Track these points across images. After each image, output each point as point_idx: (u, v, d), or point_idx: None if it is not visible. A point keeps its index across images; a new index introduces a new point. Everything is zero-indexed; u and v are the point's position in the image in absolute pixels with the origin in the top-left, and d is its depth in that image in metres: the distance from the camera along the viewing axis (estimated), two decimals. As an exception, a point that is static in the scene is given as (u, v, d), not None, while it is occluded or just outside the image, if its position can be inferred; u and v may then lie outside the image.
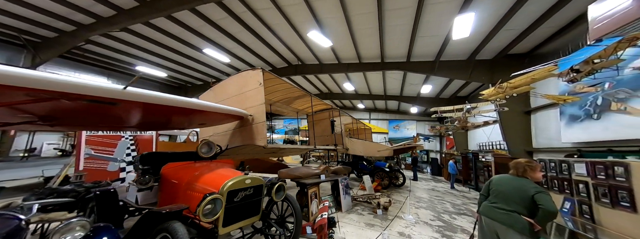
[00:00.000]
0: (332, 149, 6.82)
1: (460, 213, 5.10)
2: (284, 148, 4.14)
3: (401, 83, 11.89)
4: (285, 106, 6.09)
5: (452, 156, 11.84)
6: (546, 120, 6.09)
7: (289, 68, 11.41)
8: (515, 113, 6.97)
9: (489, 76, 7.54)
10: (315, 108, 6.88)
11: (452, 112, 7.11)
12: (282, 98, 5.41)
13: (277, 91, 4.74)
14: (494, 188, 2.18)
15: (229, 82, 3.63)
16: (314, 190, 3.69)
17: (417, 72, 8.98)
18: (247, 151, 3.81)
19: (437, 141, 17.91)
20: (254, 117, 3.21)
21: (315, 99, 5.69)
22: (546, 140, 6.04)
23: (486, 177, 8.45)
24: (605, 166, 2.32)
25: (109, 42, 8.73)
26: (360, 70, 10.02)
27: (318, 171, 4.13)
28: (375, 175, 7.71)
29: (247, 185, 2.06)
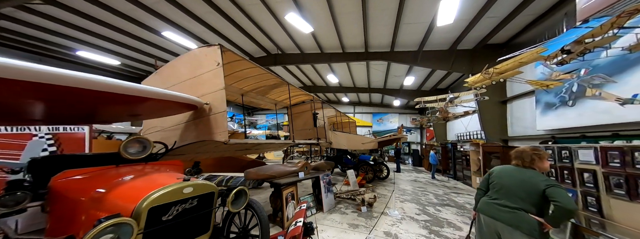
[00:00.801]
0: (314, 143, 6.36)
1: (444, 204, 5.03)
2: (259, 144, 3.54)
3: (385, 75, 11.72)
4: (260, 97, 5.39)
5: (432, 147, 12.18)
6: (521, 109, 6.25)
7: (268, 58, 10.53)
8: (492, 103, 7.12)
9: (469, 66, 7.57)
10: (295, 99, 6.29)
11: (435, 102, 7.04)
12: (255, 88, 4.71)
13: (248, 77, 4.04)
14: (495, 181, 1.87)
15: (179, 63, 2.87)
16: (291, 191, 3.20)
17: (401, 62, 8.78)
18: (208, 149, 3.14)
19: (418, 133, 18.50)
20: (211, 106, 2.54)
21: (294, 89, 5.09)
22: (521, 128, 6.22)
23: (464, 166, 8.74)
24: (621, 152, 1.98)
25: (36, 20, 7.03)
26: (344, 60, 9.55)
27: (296, 168, 3.62)
28: (360, 169, 7.47)
29: (186, 195, 1.46)
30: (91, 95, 1.50)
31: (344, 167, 8.27)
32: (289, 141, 4.18)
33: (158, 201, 1.31)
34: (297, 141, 5.04)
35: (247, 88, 4.59)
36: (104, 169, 1.68)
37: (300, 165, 3.69)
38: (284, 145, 4.91)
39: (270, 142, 3.44)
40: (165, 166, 2.08)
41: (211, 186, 1.64)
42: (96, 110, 2.11)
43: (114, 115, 2.41)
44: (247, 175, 3.07)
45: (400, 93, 14.06)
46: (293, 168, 3.58)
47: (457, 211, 4.47)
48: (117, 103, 1.93)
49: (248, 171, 3.11)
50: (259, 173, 3.09)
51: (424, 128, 17.91)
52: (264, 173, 3.10)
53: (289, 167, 3.60)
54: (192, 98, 2.37)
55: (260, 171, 3.12)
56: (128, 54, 9.64)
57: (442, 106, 7.09)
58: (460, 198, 5.86)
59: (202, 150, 3.18)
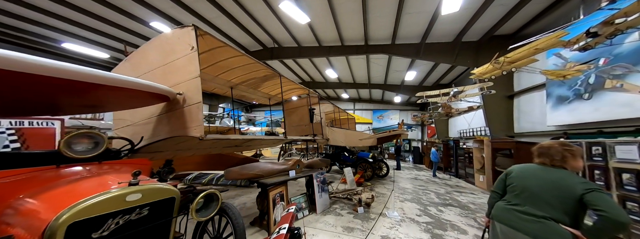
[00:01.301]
0: (310, 140, 6.06)
1: (446, 204, 4.75)
2: (245, 140, 3.24)
3: (385, 69, 11.33)
4: (252, 90, 5.06)
5: (433, 144, 11.87)
6: (530, 104, 5.91)
7: (264, 52, 10.14)
8: (498, 98, 6.77)
9: (474, 59, 7.18)
10: (289, 93, 5.96)
11: (437, 97, 6.70)
12: (245, 80, 4.38)
13: (235, 68, 3.71)
14: (515, 183, 1.56)
15: (150, 48, 2.54)
16: (280, 191, 2.91)
17: (403, 56, 8.38)
18: (189, 145, 2.83)
19: (418, 130, 18.18)
20: (185, 97, 2.23)
21: (288, 82, 4.75)
22: (529, 124, 5.89)
23: (467, 164, 8.45)
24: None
25: (18, 9, 6.65)
26: (343, 53, 9.16)
27: (285, 166, 3.32)
28: (358, 166, 7.18)
29: (131, 203, 1.16)
30: (36, 81, 1.21)
31: (342, 165, 8.00)
32: (280, 137, 3.89)
33: (85, 214, 1.01)
34: (291, 137, 4.75)
35: (236, 81, 4.26)
36: (37, 170, 1.37)
37: (291, 163, 3.39)
38: (275, 141, 4.61)
39: (256, 138, 3.14)
40: (126, 166, 1.77)
41: (168, 191, 1.33)
42: (45, 99, 1.80)
43: (67, 106, 2.09)
44: (228, 174, 2.76)
45: (401, 89, 13.68)
46: (282, 167, 3.28)
47: (461, 212, 4.19)
48: (67, 91, 1.62)
49: (229, 170, 2.80)
50: (242, 172, 2.78)
51: (425, 125, 17.59)
52: (249, 172, 2.80)
53: (278, 165, 3.29)
54: (160, 87, 2.04)
55: (245, 170, 2.81)
56: (117, 46, 9.27)
57: (445, 101, 6.75)
58: (463, 197, 5.58)
59: (184, 146, 2.88)
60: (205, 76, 3.69)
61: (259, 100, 5.87)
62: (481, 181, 7.16)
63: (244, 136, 2.84)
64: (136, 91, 1.86)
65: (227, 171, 2.77)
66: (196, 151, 3.44)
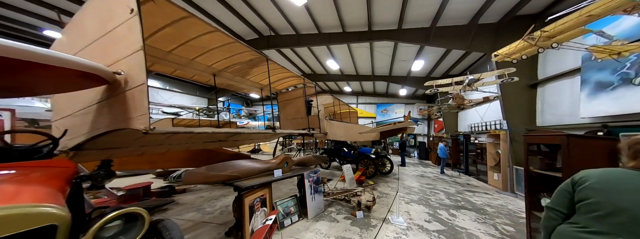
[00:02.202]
0: (306, 134, 5.53)
1: (459, 207, 4.20)
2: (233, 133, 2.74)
3: (391, 59, 10.53)
4: (239, 79, 4.52)
5: (441, 139, 11.18)
6: (557, 93, 5.15)
7: (260, 41, 9.50)
8: (518, 87, 6.01)
9: (492, 44, 6.36)
10: (283, 83, 5.39)
11: (449, 86, 5.99)
12: (229, 65, 3.82)
13: (214, 49, 3.14)
14: (597, 198, 0.98)
15: (84, 15, 2.01)
16: (261, 195, 2.42)
17: (410, 42, 7.60)
18: (145, 141, 2.31)
19: (425, 124, 17.40)
20: (126, 77, 1.70)
21: (279, 68, 4.19)
22: (555, 116, 5.16)
23: (479, 160, 7.81)
24: None
25: (-7, -5, 6.21)
26: (344, 41, 8.43)
27: (269, 165, 2.81)
28: (360, 163, 6.66)
29: None
30: None
31: (342, 161, 7.50)
32: (268, 131, 3.37)
33: None
34: (282, 131, 4.22)
35: (218, 66, 3.71)
36: None
37: (277, 161, 2.88)
38: (266, 135, 4.09)
39: (235, 132, 2.62)
40: (33, 171, 1.27)
41: (40, 216, 0.83)
42: None
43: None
44: (188, 178, 2.23)
45: (407, 81, 12.85)
46: (265, 165, 2.77)
47: (477, 217, 3.64)
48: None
49: (191, 172, 2.28)
50: (210, 174, 2.27)
51: (432, 119, 16.79)
52: (218, 173, 2.29)
53: (260, 164, 2.78)
54: (88, 64, 1.50)
55: (213, 171, 2.30)
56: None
57: (457, 91, 6.04)
58: (477, 198, 5.01)
59: (142, 142, 2.38)
60: (179, 59, 3.16)
61: (249, 90, 5.33)
62: (495, 179, 6.54)
63: (218, 129, 2.30)
64: (57, 69, 1.34)
65: (187, 174, 2.26)
66: (168, 147, 2.96)
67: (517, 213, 4.04)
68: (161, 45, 2.76)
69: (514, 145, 5.92)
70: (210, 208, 3.51)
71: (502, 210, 4.20)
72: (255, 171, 2.58)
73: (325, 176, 6.51)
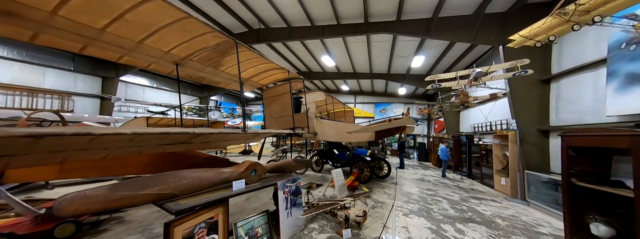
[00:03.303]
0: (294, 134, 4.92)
1: (466, 220, 3.60)
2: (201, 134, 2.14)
3: (389, 55, 9.95)
4: (211, 70, 3.90)
5: (442, 140, 10.59)
6: (576, 88, 4.56)
7: (250, 34, 8.89)
8: (529, 82, 5.43)
9: (499, 35, 5.78)
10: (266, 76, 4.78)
11: (453, 81, 5.39)
12: (193, 52, 3.18)
13: (163, 28, 2.51)
14: None
15: None
16: (209, 218, 1.77)
17: (410, 35, 7.02)
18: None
19: (425, 124, 16.83)
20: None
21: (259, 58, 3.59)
22: (573, 114, 4.57)
23: (484, 163, 7.22)
24: None
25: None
26: (339, 34, 7.84)
27: (226, 174, 2.17)
28: (354, 166, 6.05)
29: None
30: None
31: (335, 163, 6.89)
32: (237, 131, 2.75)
33: None
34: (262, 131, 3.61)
35: (179, 53, 3.08)
36: None
37: (239, 169, 2.26)
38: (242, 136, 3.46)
39: (185, 132, 2.01)
40: None
41: None
42: None
43: None
44: (65, 205, 1.32)
45: (406, 79, 12.28)
46: (221, 176, 2.14)
47: (489, 233, 3.04)
48: None
49: (74, 195, 1.40)
50: (115, 195, 1.46)
51: (432, 120, 16.22)
52: (135, 193, 1.53)
53: (213, 173, 2.15)
54: None
55: (127, 190, 1.53)
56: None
57: (462, 87, 5.45)
58: (485, 207, 4.41)
59: (46, 147, 1.76)
60: (119, 41, 2.53)
61: (227, 84, 4.72)
62: (503, 184, 5.95)
63: (168, 129, 1.67)
64: None
65: (68, 199, 1.35)
66: (103, 152, 2.33)
67: (533, 227, 3.45)
68: (85, 19, 2.15)
69: (525, 147, 5.33)
70: (160, 228, 2.86)
71: (516, 223, 3.60)
72: (203, 184, 1.96)
73: (315, 181, 5.89)
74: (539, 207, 4.57)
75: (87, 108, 9.53)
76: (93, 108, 9.74)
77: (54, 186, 4.28)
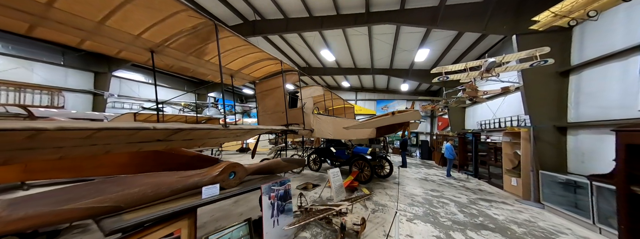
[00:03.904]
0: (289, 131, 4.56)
1: (477, 225, 3.23)
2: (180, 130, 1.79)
3: (391, 49, 9.47)
4: (195, 60, 3.51)
5: (447, 137, 10.16)
6: (601, 80, 4.11)
7: (245, 27, 8.47)
8: (545, 75, 4.97)
9: (513, 24, 5.30)
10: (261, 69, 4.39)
11: (462, 73, 4.95)
12: (169, 36, 2.77)
13: (126, 3, 2.12)
14: None
15: None
16: (168, 234, 1.41)
17: (414, 24, 6.54)
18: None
19: (428, 122, 16.37)
20: None
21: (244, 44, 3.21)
22: (597, 109, 4.12)
23: (492, 162, 6.81)
24: None
25: None
26: (339, 25, 7.38)
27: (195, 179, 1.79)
28: (354, 165, 5.69)
29: None
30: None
31: (334, 162, 6.53)
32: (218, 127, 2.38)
33: None
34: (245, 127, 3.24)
35: (152, 37, 2.70)
36: None
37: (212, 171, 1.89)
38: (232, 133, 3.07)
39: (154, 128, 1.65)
40: None
41: None
42: None
43: None
44: None
45: (409, 75, 11.79)
46: (186, 181, 1.77)
47: (506, 243, 2.67)
48: None
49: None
50: (13, 216, 1.09)
51: (435, 117, 15.76)
52: (56, 209, 1.14)
53: (177, 178, 1.77)
54: None
55: (46, 204, 1.18)
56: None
57: (471, 80, 5.01)
58: (496, 211, 4.03)
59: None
60: (74, 21, 2.15)
61: (215, 76, 4.34)
62: (514, 185, 5.55)
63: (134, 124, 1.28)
64: None
65: None
66: (56, 151, 1.98)
67: (553, 234, 3.07)
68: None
69: (539, 145, 4.91)
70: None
71: (534, 230, 3.22)
72: (162, 192, 1.58)
73: (312, 180, 5.51)
74: (555, 210, 4.18)
75: (80, 104, 9.25)
76: (86, 104, 9.47)
77: (30, 187, 3.98)
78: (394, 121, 3.47)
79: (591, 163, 4.21)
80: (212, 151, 9.02)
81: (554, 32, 4.91)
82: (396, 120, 3.39)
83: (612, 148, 3.80)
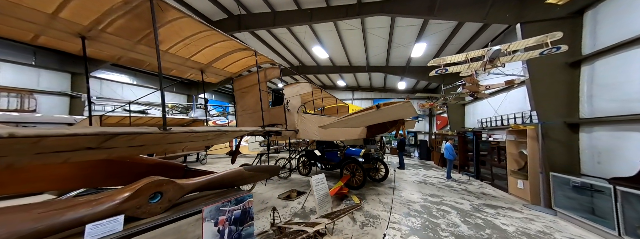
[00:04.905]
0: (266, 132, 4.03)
1: (486, 241, 2.71)
2: (114, 135, 1.28)
3: (387, 44, 9.00)
4: (146, 49, 2.97)
5: (446, 137, 9.70)
6: (619, 70, 3.64)
7: (229, 22, 7.95)
8: (553, 66, 4.52)
9: (517, 12, 4.85)
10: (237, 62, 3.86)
11: (464, 64, 4.46)
12: (101, 15, 2.22)
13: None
14: None
15: None
16: None
17: (410, 15, 6.07)
18: None
19: (426, 121, 15.93)
20: None
21: (206, 29, 2.70)
22: (616, 102, 3.66)
23: (494, 163, 6.34)
24: None
25: None
26: (330, 17, 6.89)
27: (68, 211, 1.16)
28: (345, 168, 5.17)
29: None
30: None
31: (325, 165, 6.01)
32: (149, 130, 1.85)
33: None
34: (198, 129, 2.71)
35: (82, 20, 2.16)
36: None
37: (118, 196, 1.29)
38: (155, 137, 2.49)
39: (65, 134, 1.13)
40: None
41: None
42: None
43: None
44: None
45: (406, 72, 11.33)
46: (59, 218, 1.15)
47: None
48: None
49: None
50: None
51: (434, 115, 15.32)
52: None
53: (34, 214, 1.13)
54: None
55: None
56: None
57: (472, 72, 4.53)
58: (504, 220, 3.54)
59: None
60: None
61: (182, 71, 3.80)
62: (520, 188, 5.07)
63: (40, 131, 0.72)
64: None
65: None
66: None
67: (575, 250, 2.58)
68: None
69: (549, 143, 4.43)
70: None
71: (551, 244, 2.73)
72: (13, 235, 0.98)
73: (299, 187, 4.87)
74: (569, 218, 3.70)
75: (55, 107, 8.65)
76: (62, 107, 8.87)
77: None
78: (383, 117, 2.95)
79: (609, 164, 3.74)
80: (198, 155, 8.45)
81: (562, 18, 4.45)
82: (384, 115, 2.84)
83: (635, 146, 3.31)
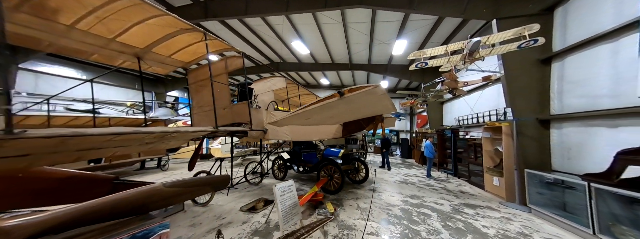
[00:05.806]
0: (219, 133, 3.43)
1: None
2: None
3: (369, 41, 8.78)
4: (48, 24, 2.23)
5: (426, 135, 9.79)
6: (587, 66, 3.67)
7: (194, 8, 7.07)
8: (526, 63, 4.54)
9: (493, 8, 4.81)
10: (191, 47, 3.19)
11: (443, 57, 4.28)
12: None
13: None
14: None
15: None
16: None
17: (389, 8, 5.82)
18: None
19: (407, 119, 16.23)
20: None
21: (148, 7, 2.05)
22: (584, 99, 3.68)
23: (471, 160, 6.39)
24: None
25: None
26: (307, 7, 6.40)
27: None
28: (322, 170, 4.74)
29: None
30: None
31: (302, 167, 5.52)
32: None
33: None
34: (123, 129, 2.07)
35: None
36: None
37: None
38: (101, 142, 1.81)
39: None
40: None
41: None
42: None
43: None
44: None
45: (387, 71, 11.30)
46: None
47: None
48: None
49: None
50: None
51: (415, 115, 15.66)
52: None
53: None
54: None
55: None
56: None
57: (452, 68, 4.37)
58: (483, 222, 3.37)
59: None
60: None
61: (107, 56, 3.03)
62: (495, 185, 5.07)
63: None
64: None
65: None
66: None
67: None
68: None
69: (522, 140, 4.44)
70: None
71: (532, 248, 2.55)
72: None
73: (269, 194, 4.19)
74: (543, 215, 3.67)
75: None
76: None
77: None
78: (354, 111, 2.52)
79: (578, 159, 3.78)
80: (160, 160, 7.43)
81: (535, 15, 4.50)
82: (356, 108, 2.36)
83: (603, 142, 3.30)
